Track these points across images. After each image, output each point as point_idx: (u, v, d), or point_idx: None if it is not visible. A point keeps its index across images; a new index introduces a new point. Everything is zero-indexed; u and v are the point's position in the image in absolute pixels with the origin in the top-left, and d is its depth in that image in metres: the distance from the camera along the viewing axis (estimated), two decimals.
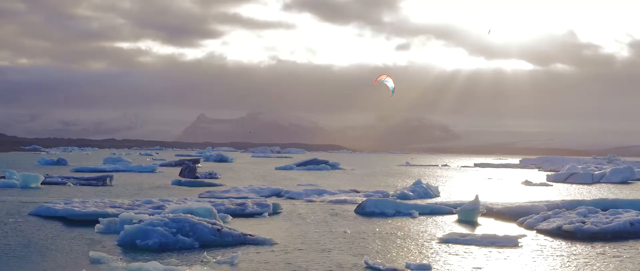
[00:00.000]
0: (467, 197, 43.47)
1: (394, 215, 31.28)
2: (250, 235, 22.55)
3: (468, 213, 29.66)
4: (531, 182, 61.92)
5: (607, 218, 26.25)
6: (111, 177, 52.50)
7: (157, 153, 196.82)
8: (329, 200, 37.83)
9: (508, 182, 67.07)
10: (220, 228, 22.52)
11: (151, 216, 23.45)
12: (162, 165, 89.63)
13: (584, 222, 25.24)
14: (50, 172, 60.29)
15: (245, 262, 18.84)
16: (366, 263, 18.40)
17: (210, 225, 22.28)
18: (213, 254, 19.63)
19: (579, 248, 22.45)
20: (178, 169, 69.40)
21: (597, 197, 42.35)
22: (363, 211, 32.24)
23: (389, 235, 25.01)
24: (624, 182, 67.08)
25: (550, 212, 28.34)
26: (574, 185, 61.95)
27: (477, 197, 29.85)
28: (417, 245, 22.63)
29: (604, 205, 32.15)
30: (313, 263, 18.97)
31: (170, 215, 23.11)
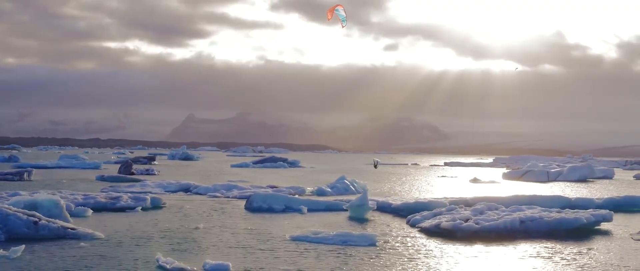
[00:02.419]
0: (394, 194, 40.60)
1: (282, 211, 28.94)
2: (71, 228, 20.55)
3: (357, 209, 26.68)
4: (479, 180, 58.97)
5: (498, 215, 23.10)
6: (30, 172, 51.16)
7: (132, 153, 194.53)
8: (232, 196, 35.35)
9: (458, 180, 64.20)
10: (37, 221, 20.39)
11: None
12: (116, 162, 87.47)
13: (467, 220, 22.10)
14: None
15: (30, 254, 17.04)
16: (157, 260, 15.96)
17: (25, 217, 20.32)
18: (4, 247, 17.39)
19: (446, 247, 19.38)
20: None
21: (528, 194, 38.99)
22: (251, 206, 29.68)
23: (241, 231, 22.09)
24: (581, 180, 64.14)
25: (443, 209, 25.22)
26: (526, 183, 59.08)
27: (365, 193, 26.89)
28: (258, 242, 19.63)
29: (519, 202, 29.01)
30: (107, 258, 16.87)
31: None
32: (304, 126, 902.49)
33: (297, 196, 35.29)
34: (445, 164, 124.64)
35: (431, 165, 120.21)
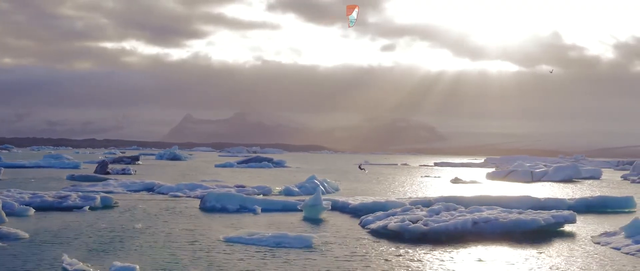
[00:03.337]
0: (368, 193, 39.37)
1: (236, 211, 27.96)
2: None
3: (310, 209, 25.50)
4: (460, 180, 57.76)
5: (452, 216, 21.87)
6: None
7: (124, 153, 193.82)
8: (193, 196, 34.26)
9: (440, 180, 63.07)
10: None
11: None
12: (98, 162, 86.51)
13: (417, 221, 20.88)
14: None
15: None
16: (63, 262, 14.96)
17: None
18: None
19: (387, 248, 18.18)
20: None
21: (495, 195, 37.76)
22: (204, 206, 28.67)
23: (177, 231, 21.02)
24: (566, 181, 62.96)
25: (399, 210, 24.02)
26: (509, 183, 57.99)
27: (318, 193, 25.65)
28: (187, 244, 18.52)
29: (484, 202, 27.84)
30: (16, 258, 16.07)
31: None
32: (301, 126, 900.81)
33: (261, 196, 34.21)
34: (435, 164, 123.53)
35: (420, 165, 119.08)
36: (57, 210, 27.03)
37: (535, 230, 21.72)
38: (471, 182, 57.08)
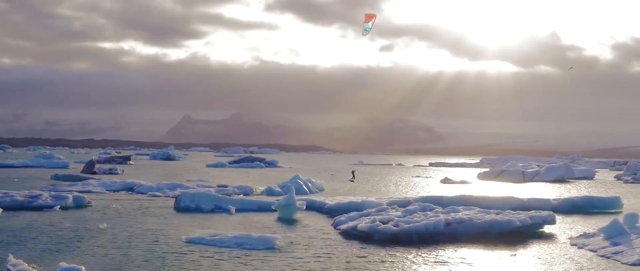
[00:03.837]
0: (353, 194, 38.72)
1: (210, 211, 27.37)
2: None
3: (284, 210, 24.89)
4: (450, 180, 57.10)
5: (425, 217, 21.22)
6: None
7: (119, 153, 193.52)
8: (171, 195, 33.60)
9: (430, 180, 62.47)
10: None
11: None
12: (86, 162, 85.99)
13: (387, 222, 20.23)
14: None
15: None
16: (8, 262, 14.45)
17: None
18: None
19: (353, 250, 17.56)
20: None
21: (476, 195, 37.07)
22: (178, 206, 28.12)
23: (141, 232, 20.39)
24: (558, 181, 62.33)
25: (373, 210, 23.38)
26: (499, 183, 57.41)
27: (291, 193, 25.02)
28: (147, 244, 17.96)
29: (464, 202, 27.31)
30: None
31: None
32: (299, 127, 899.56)
33: (241, 196, 33.62)
34: (430, 164, 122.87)
35: (415, 166, 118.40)
36: (28, 209, 26.50)
37: (512, 231, 21.06)
38: (461, 182, 56.41)
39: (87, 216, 24.65)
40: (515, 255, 17.62)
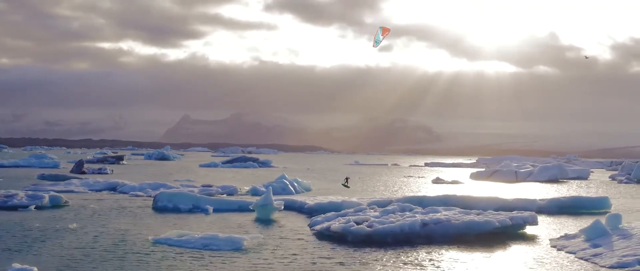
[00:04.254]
0: (342, 194, 38.17)
1: (188, 210, 26.96)
2: None
3: (261, 210, 24.41)
4: (441, 180, 56.60)
5: (402, 217, 20.70)
6: None
7: (116, 153, 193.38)
8: (153, 195, 32.96)
9: (422, 180, 62.02)
10: None
11: None
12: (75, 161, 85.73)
13: (360, 222, 19.72)
14: None
15: None
16: None
17: None
18: None
19: (323, 252, 17.06)
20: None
21: (460, 194, 36.51)
22: (156, 205, 27.66)
23: (110, 232, 19.93)
24: (552, 181, 61.81)
25: (351, 210, 22.88)
26: (491, 183, 56.92)
27: (268, 193, 24.52)
28: (112, 245, 17.45)
29: (446, 202, 26.79)
30: None
31: None
32: (298, 127, 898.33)
33: (224, 196, 33.17)
34: (426, 165, 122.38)
35: (410, 166, 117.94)
36: (2, 209, 26.04)
37: (491, 232, 20.52)
38: (452, 182, 55.87)
39: (60, 216, 24.17)
40: (489, 257, 17.10)
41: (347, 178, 44.26)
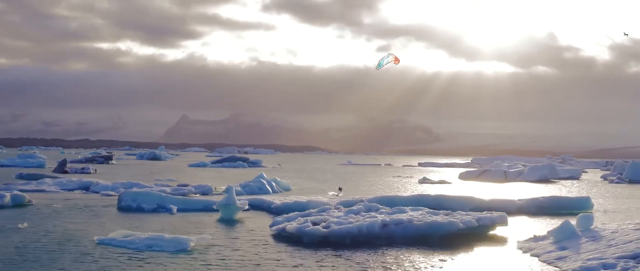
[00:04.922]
0: (319, 194, 37.46)
1: (153, 210, 26.36)
2: None
3: (224, 209, 23.72)
4: (428, 180, 55.86)
5: (363, 217, 19.92)
6: None
7: (110, 152, 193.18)
8: None
9: (409, 180, 61.26)
10: None
11: None
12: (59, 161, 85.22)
13: (318, 223, 18.95)
14: None
15: None
16: None
17: None
18: None
19: (273, 255, 16.27)
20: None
21: (434, 194, 35.57)
22: (120, 205, 26.97)
23: (56, 232, 19.26)
24: (542, 181, 61.05)
25: (314, 210, 22.12)
26: (479, 183, 56.20)
27: (230, 193, 23.79)
28: (55, 245, 16.90)
29: (420, 202, 26.08)
30: None
31: None
32: (296, 127, 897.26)
33: (198, 196, 32.43)
34: (419, 164, 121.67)
35: (404, 166, 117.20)
36: None
37: (457, 234, 19.73)
38: (439, 182, 55.10)
39: (14, 215, 23.42)
40: (446, 260, 16.28)
41: (340, 188, 43.15)
